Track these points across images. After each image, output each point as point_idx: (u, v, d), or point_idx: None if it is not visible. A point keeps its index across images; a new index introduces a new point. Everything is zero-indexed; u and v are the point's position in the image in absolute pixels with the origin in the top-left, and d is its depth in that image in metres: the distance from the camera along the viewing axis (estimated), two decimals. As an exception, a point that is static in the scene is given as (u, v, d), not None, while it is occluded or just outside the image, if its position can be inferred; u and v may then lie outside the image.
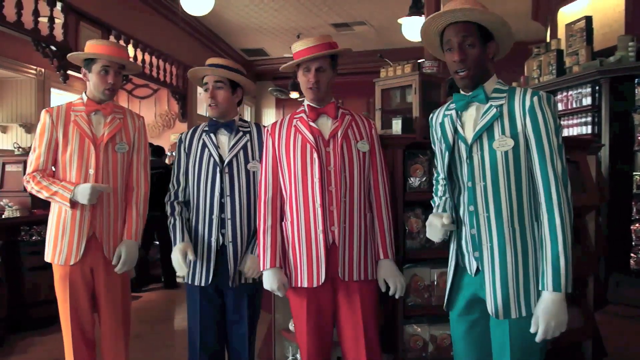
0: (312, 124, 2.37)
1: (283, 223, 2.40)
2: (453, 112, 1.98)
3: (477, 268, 1.92)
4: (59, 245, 2.58)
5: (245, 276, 2.53)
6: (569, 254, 1.76)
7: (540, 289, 1.80)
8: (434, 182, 2.24)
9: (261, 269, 2.38)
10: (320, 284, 2.29)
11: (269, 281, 2.34)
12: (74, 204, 2.53)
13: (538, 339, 1.78)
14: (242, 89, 2.67)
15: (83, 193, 2.49)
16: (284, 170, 2.39)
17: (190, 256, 2.48)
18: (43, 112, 2.64)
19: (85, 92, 2.69)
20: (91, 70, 2.63)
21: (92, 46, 2.65)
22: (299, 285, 2.33)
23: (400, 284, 2.35)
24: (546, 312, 1.76)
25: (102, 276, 2.64)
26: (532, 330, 1.79)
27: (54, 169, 2.67)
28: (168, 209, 2.63)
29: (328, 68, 2.37)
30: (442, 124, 2.03)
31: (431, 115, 2.16)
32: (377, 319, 2.40)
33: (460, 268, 2.01)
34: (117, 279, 2.67)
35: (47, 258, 2.63)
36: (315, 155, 2.31)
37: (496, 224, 1.86)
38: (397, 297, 2.38)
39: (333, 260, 2.30)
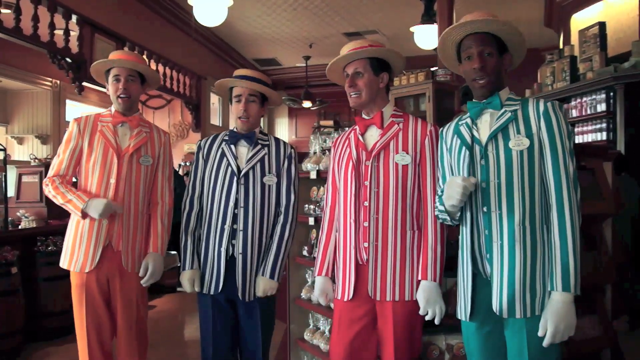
0: (360, 137, 2.28)
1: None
2: (468, 120, 2.00)
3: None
4: (76, 252, 2.60)
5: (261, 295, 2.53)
6: (578, 257, 1.78)
7: (549, 289, 1.80)
8: (436, 197, 2.14)
9: (314, 276, 2.44)
10: (350, 299, 2.24)
11: (316, 288, 2.42)
12: (85, 214, 2.54)
13: (546, 342, 1.77)
14: (267, 102, 2.66)
15: (97, 207, 2.51)
16: (336, 183, 2.39)
17: (197, 287, 2.55)
18: (72, 120, 2.69)
19: (113, 105, 2.73)
20: (108, 81, 2.68)
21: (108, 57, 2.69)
22: (338, 297, 2.32)
23: (439, 310, 2.16)
24: (555, 314, 1.76)
25: (118, 286, 2.64)
26: (540, 333, 1.78)
27: (75, 179, 2.69)
28: (183, 221, 2.62)
29: (368, 71, 2.22)
30: (457, 132, 2.03)
31: (441, 129, 2.16)
32: (414, 342, 2.25)
33: (477, 278, 1.98)
34: (133, 289, 2.67)
35: (64, 265, 2.64)
36: (352, 169, 2.25)
37: (508, 221, 1.86)
38: (436, 322, 2.17)
39: (364, 277, 2.23)
